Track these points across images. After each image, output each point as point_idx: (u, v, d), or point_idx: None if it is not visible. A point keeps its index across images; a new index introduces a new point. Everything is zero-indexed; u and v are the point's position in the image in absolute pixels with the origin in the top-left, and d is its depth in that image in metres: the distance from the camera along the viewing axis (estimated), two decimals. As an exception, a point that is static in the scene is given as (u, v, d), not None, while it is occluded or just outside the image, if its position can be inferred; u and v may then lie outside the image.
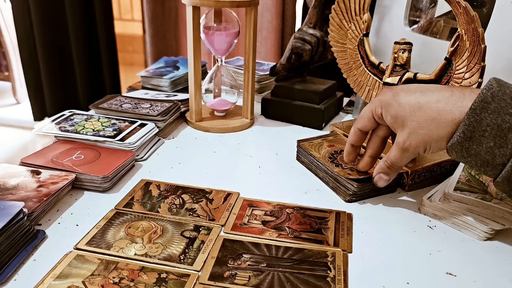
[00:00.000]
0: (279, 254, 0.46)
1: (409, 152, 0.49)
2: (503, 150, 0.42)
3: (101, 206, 0.54)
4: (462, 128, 0.43)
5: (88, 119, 0.73)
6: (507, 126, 0.42)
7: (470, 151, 0.44)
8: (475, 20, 0.52)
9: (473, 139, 0.43)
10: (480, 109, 0.42)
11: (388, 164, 0.52)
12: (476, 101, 0.43)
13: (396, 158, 0.51)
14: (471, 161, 0.45)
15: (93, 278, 0.41)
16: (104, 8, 1.97)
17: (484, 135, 0.43)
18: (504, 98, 0.42)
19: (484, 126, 0.42)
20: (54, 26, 2.01)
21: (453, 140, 0.44)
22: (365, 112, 0.54)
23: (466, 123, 0.43)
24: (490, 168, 0.44)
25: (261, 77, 0.98)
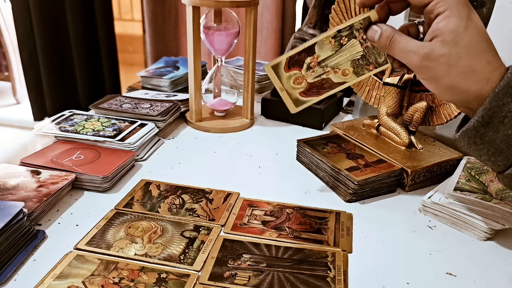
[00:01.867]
0: (279, 254, 0.46)
1: (426, 64, 0.41)
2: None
3: (101, 206, 0.54)
4: (482, 112, 0.40)
5: (88, 119, 0.73)
6: None
7: (485, 138, 0.41)
8: (475, 20, 0.52)
9: (490, 125, 0.40)
10: (504, 94, 0.39)
11: (390, 38, 0.44)
12: (500, 85, 0.39)
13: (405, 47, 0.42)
14: (483, 149, 0.41)
15: (93, 278, 0.41)
16: (104, 8, 1.96)
17: (503, 121, 0.39)
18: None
19: (506, 112, 0.39)
20: (54, 26, 2.01)
21: (469, 125, 0.41)
22: None
23: (487, 107, 0.40)
24: (502, 158, 0.41)
25: (261, 77, 0.98)
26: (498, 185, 0.54)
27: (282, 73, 0.48)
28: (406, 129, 0.65)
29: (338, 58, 0.47)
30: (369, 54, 0.47)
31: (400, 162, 0.60)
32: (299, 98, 0.49)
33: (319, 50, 0.47)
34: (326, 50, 0.47)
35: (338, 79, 0.48)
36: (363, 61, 0.48)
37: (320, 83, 0.48)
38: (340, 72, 0.48)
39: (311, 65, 0.48)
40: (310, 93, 0.49)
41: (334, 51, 0.47)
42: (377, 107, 0.71)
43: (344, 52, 0.47)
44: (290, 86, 0.49)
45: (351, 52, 0.47)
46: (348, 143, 0.67)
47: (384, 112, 0.67)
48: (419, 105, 0.64)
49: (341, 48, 0.47)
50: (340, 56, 0.47)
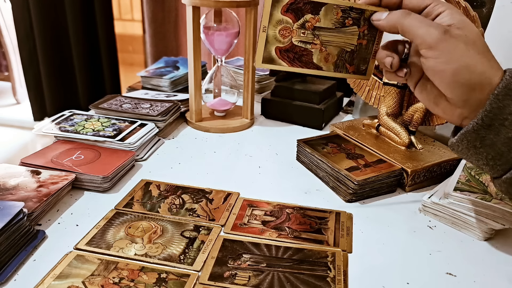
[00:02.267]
0: (279, 254, 0.46)
1: (446, 38, 0.39)
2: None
3: (101, 206, 0.54)
4: (482, 114, 0.39)
5: (88, 119, 0.73)
6: None
7: (485, 141, 0.39)
8: (475, 20, 0.52)
9: (491, 127, 0.39)
10: (504, 95, 0.38)
11: (405, 11, 0.42)
12: (500, 86, 0.39)
13: (423, 20, 0.40)
14: (482, 153, 0.40)
15: (93, 278, 0.41)
16: (104, 8, 1.96)
17: (504, 123, 0.38)
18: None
19: (506, 114, 0.38)
20: (54, 26, 2.01)
21: (468, 127, 0.40)
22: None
23: (487, 109, 0.39)
24: (501, 162, 0.40)
25: (261, 77, 0.98)
26: (498, 185, 0.54)
27: (276, 13, 0.43)
28: (406, 129, 0.65)
29: (333, 36, 0.45)
30: (357, 53, 0.46)
31: (400, 162, 0.60)
32: (272, 54, 0.44)
33: (323, 15, 0.44)
34: (329, 20, 0.44)
35: (318, 61, 0.45)
36: (349, 57, 0.46)
37: (301, 52, 0.45)
38: (325, 53, 0.45)
39: (306, 25, 0.44)
40: (285, 56, 0.44)
41: (334, 27, 0.44)
42: (377, 107, 0.71)
43: (341, 34, 0.45)
44: (273, 34, 0.44)
45: (346, 39, 0.45)
46: (348, 143, 0.67)
47: (384, 112, 0.67)
48: (419, 105, 0.64)
49: (342, 28, 0.44)
50: (336, 36, 0.45)
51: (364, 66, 0.46)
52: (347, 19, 0.44)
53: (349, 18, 0.44)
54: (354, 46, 0.45)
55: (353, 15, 0.44)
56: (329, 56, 0.45)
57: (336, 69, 0.46)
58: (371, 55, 0.47)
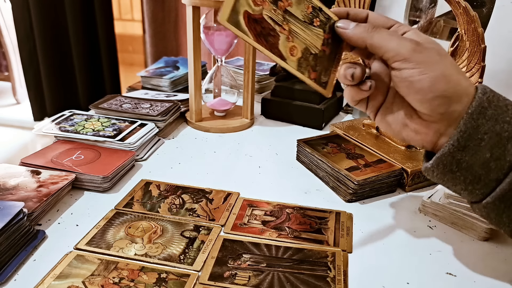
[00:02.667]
0: (279, 254, 0.46)
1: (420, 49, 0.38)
2: (500, 163, 0.36)
3: (101, 206, 0.54)
4: (457, 136, 0.37)
5: (88, 119, 0.73)
6: (506, 135, 0.36)
7: (462, 164, 0.38)
8: (475, 20, 0.52)
9: (467, 148, 0.37)
10: (478, 114, 0.37)
11: (372, 25, 0.40)
12: (472, 105, 0.37)
13: (394, 33, 0.39)
14: (460, 177, 0.38)
15: (93, 278, 0.41)
16: (104, 8, 1.96)
17: (480, 144, 0.37)
18: (499, 105, 0.38)
19: (482, 133, 0.37)
20: (54, 26, 2.01)
21: (444, 150, 0.38)
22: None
23: (462, 129, 0.37)
24: (480, 186, 0.38)
25: (261, 77, 0.98)
26: (498, 185, 0.54)
27: None
28: (406, 129, 0.65)
29: (301, 29, 0.42)
30: (320, 60, 0.43)
31: (400, 162, 0.60)
32: (239, 18, 0.40)
33: (295, 2, 0.41)
34: (300, 10, 0.42)
35: (283, 49, 0.42)
36: (313, 60, 0.43)
37: (268, 30, 0.41)
38: (291, 44, 0.42)
39: (279, 4, 0.41)
40: (253, 27, 0.40)
41: (303, 20, 0.42)
42: (377, 107, 0.71)
43: (309, 32, 0.43)
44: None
45: (312, 40, 0.43)
46: (348, 143, 0.67)
47: (384, 112, 0.67)
48: (419, 105, 0.64)
49: (309, 25, 0.42)
50: (303, 31, 0.42)
51: (326, 78, 0.44)
52: (315, 18, 0.43)
53: (317, 19, 0.43)
54: (318, 50, 0.43)
55: (321, 17, 0.43)
56: (294, 50, 0.43)
57: (298, 68, 0.43)
58: (333, 67, 0.45)
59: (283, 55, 0.42)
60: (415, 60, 0.38)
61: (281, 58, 0.42)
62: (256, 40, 0.41)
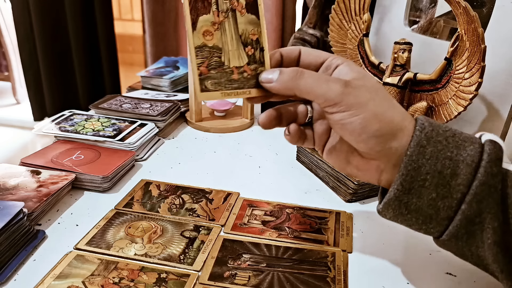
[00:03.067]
0: (279, 254, 0.46)
1: (348, 91, 0.37)
2: (448, 201, 0.36)
3: (101, 206, 0.54)
4: (400, 180, 0.36)
5: (88, 119, 0.73)
6: (449, 172, 0.35)
7: (410, 206, 0.37)
8: (475, 20, 0.52)
9: (412, 191, 0.36)
10: (417, 155, 0.36)
11: (298, 70, 0.39)
12: (411, 146, 0.36)
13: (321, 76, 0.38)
14: (411, 219, 0.38)
15: (93, 278, 0.41)
16: (104, 8, 1.96)
17: (424, 185, 0.36)
18: (439, 139, 0.36)
19: (424, 174, 0.36)
20: (54, 26, 2.01)
21: (389, 195, 0.37)
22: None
23: (403, 172, 0.36)
24: (434, 225, 0.37)
25: (261, 77, 0.97)
26: (498, 185, 0.54)
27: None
28: (406, 129, 0.65)
29: (230, 35, 0.41)
30: (221, 72, 0.41)
31: (400, 162, 0.60)
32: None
33: (247, 18, 0.41)
34: (244, 25, 0.41)
35: (202, 23, 0.39)
36: (214, 63, 0.41)
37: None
38: (210, 29, 0.40)
39: (233, 0, 0.40)
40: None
41: (239, 35, 0.41)
42: (377, 107, 0.71)
43: (234, 46, 0.41)
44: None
45: (231, 52, 0.41)
46: (348, 143, 0.67)
47: (384, 112, 0.67)
48: (419, 105, 0.64)
49: (239, 43, 0.41)
50: (231, 39, 0.41)
51: (211, 87, 0.41)
52: (250, 47, 0.41)
53: (252, 49, 0.41)
54: (228, 65, 0.41)
55: (257, 52, 0.41)
56: (209, 36, 0.40)
57: (197, 50, 0.39)
58: (226, 90, 0.41)
59: (196, 25, 0.39)
60: (344, 103, 0.37)
61: (193, 25, 0.39)
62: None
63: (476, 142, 0.37)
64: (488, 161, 0.35)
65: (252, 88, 0.42)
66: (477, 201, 0.35)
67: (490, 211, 0.35)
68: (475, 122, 0.64)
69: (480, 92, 0.57)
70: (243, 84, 0.41)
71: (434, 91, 0.62)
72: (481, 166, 0.35)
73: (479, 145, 0.36)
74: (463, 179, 0.35)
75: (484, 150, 0.36)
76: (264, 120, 0.43)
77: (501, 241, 0.35)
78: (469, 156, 0.36)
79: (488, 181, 0.35)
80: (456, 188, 0.35)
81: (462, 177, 0.35)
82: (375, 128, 0.37)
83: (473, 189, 0.35)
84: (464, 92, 0.57)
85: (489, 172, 0.35)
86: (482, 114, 0.63)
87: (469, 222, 0.36)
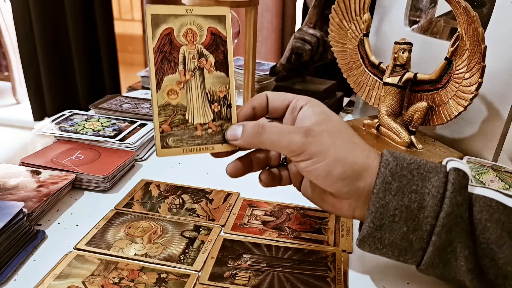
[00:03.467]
0: (279, 254, 0.46)
1: (309, 141, 0.38)
2: (419, 234, 0.37)
3: (101, 206, 0.54)
4: (370, 217, 0.37)
5: (88, 119, 0.73)
6: (416, 206, 0.36)
7: (384, 241, 0.38)
8: (475, 20, 0.52)
9: (383, 226, 0.37)
10: (383, 192, 0.37)
11: (259, 125, 0.40)
12: (377, 184, 0.37)
13: (282, 129, 0.39)
14: (387, 252, 0.39)
15: (93, 278, 0.41)
16: (104, 8, 1.97)
17: (394, 220, 0.37)
18: (403, 174, 0.37)
19: (392, 210, 0.37)
20: (54, 26, 2.01)
21: (363, 232, 0.38)
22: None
23: (372, 210, 0.37)
24: (409, 256, 0.38)
25: (261, 77, 0.98)
26: (498, 185, 0.54)
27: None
28: (406, 129, 0.65)
29: (196, 94, 0.42)
30: (184, 129, 0.42)
31: (400, 162, 0.60)
32: (161, 23, 0.39)
33: (216, 75, 0.42)
34: (212, 83, 0.42)
35: (166, 82, 0.40)
36: (178, 121, 0.42)
37: (173, 59, 0.40)
38: (175, 88, 0.41)
39: (201, 59, 0.41)
40: (165, 41, 0.40)
41: (206, 93, 0.42)
42: (377, 107, 0.71)
43: (199, 104, 0.42)
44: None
45: (195, 110, 0.42)
46: (348, 143, 0.67)
47: (384, 112, 0.67)
48: (420, 105, 0.64)
49: (205, 101, 0.42)
50: (196, 97, 0.42)
51: (172, 144, 0.42)
52: (217, 104, 0.42)
53: (219, 106, 0.42)
54: (192, 122, 0.42)
55: (223, 109, 0.42)
56: (174, 95, 0.41)
57: (160, 108, 0.41)
58: (188, 147, 0.44)
59: (161, 85, 0.40)
60: (307, 153, 0.38)
61: (157, 85, 0.40)
62: (155, 50, 0.40)
63: (441, 172, 0.38)
64: (452, 191, 0.36)
65: (217, 144, 0.43)
66: (446, 231, 0.36)
67: (459, 240, 0.36)
68: (475, 122, 0.64)
69: (480, 92, 0.57)
70: (206, 140, 0.43)
71: (434, 91, 0.62)
72: (446, 196, 0.36)
73: (444, 174, 0.37)
74: (430, 211, 0.36)
75: (448, 180, 0.37)
76: (231, 171, 0.45)
77: (474, 268, 0.36)
78: (434, 187, 0.37)
79: (454, 211, 0.36)
80: (425, 220, 0.36)
81: (429, 209, 0.36)
82: (339, 172, 0.38)
83: (440, 220, 0.36)
84: (464, 92, 0.57)
85: (454, 202, 0.36)
86: (482, 114, 0.63)
87: (441, 252, 0.37)
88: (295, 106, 0.42)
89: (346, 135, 0.40)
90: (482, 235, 0.36)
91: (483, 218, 0.36)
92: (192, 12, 0.40)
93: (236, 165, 0.44)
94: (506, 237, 0.36)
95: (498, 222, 0.36)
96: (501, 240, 0.36)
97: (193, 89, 0.41)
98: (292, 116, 0.43)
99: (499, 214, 0.36)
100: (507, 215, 0.36)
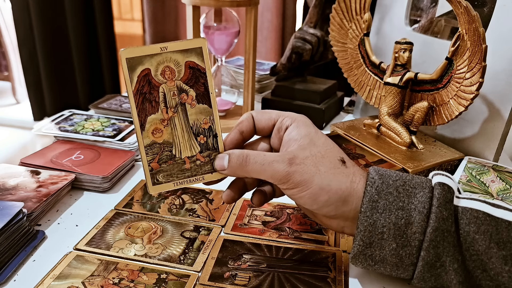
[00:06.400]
0: (280, 254, 0.46)
1: (294, 169, 0.38)
2: (408, 250, 0.37)
3: (101, 206, 0.54)
4: (359, 236, 0.38)
5: (88, 119, 0.73)
6: (403, 222, 0.37)
7: (375, 257, 0.38)
8: (476, 19, 0.52)
9: (373, 244, 0.38)
10: (370, 210, 0.37)
11: (243, 156, 0.40)
12: (364, 203, 0.38)
13: (264, 159, 0.40)
14: (379, 268, 0.39)
15: (92, 279, 0.41)
16: (104, 8, 1.97)
17: (383, 237, 0.37)
18: (389, 191, 0.38)
19: (380, 228, 0.37)
20: (54, 26, 2.01)
21: (354, 251, 0.39)
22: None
23: (361, 229, 0.38)
24: (401, 271, 0.38)
25: (262, 77, 0.97)
26: (499, 186, 0.54)
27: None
28: (407, 129, 0.65)
29: (181, 129, 0.42)
30: (172, 164, 0.42)
31: (401, 162, 0.60)
32: (137, 66, 0.40)
33: (199, 108, 0.42)
34: (195, 116, 0.42)
35: (150, 122, 0.41)
36: (165, 157, 0.42)
37: (154, 98, 0.41)
38: (159, 127, 0.41)
39: (182, 95, 0.41)
40: (144, 83, 0.40)
41: (190, 126, 0.42)
42: (377, 107, 0.71)
43: (185, 138, 0.42)
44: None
45: (182, 145, 0.42)
46: (348, 143, 0.67)
47: (385, 112, 0.67)
48: (420, 105, 0.63)
49: (190, 135, 0.42)
50: (181, 133, 0.42)
51: (163, 180, 0.42)
52: (202, 136, 0.42)
53: (204, 138, 0.43)
54: (180, 157, 0.42)
55: (210, 140, 0.43)
56: (159, 134, 0.41)
57: (147, 148, 0.41)
58: (179, 180, 0.43)
59: (144, 126, 0.41)
60: (291, 182, 0.39)
61: (141, 126, 0.41)
62: (134, 93, 0.40)
63: (426, 187, 0.38)
64: (438, 206, 0.37)
65: (206, 174, 0.43)
66: (434, 246, 0.36)
67: (448, 254, 0.36)
68: (476, 122, 0.64)
69: (481, 92, 0.57)
70: (196, 171, 0.43)
71: (435, 91, 0.62)
72: (432, 212, 0.37)
73: (429, 189, 0.38)
74: (417, 227, 0.37)
75: (434, 195, 0.37)
76: (227, 199, 0.45)
77: (465, 281, 0.37)
78: (420, 203, 0.37)
79: (440, 226, 0.36)
80: (413, 236, 0.37)
81: (416, 225, 0.37)
82: (324, 200, 0.39)
83: (427, 235, 0.36)
84: (465, 92, 0.57)
85: (440, 217, 0.36)
86: (483, 114, 0.63)
87: (431, 266, 0.37)
88: (280, 126, 0.43)
89: (330, 161, 0.40)
90: (471, 247, 0.37)
91: (471, 231, 0.37)
92: (167, 49, 0.40)
93: (230, 193, 0.45)
94: (495, 248, 0.36)
95: (486, 234, 0.36)
96: (490, 251, 0.36)
97: (177, 125, 0.42)
98: (279, 136, 0.43)
99: (486, 226, 0.36)
100: (494, 226, 0.36)
